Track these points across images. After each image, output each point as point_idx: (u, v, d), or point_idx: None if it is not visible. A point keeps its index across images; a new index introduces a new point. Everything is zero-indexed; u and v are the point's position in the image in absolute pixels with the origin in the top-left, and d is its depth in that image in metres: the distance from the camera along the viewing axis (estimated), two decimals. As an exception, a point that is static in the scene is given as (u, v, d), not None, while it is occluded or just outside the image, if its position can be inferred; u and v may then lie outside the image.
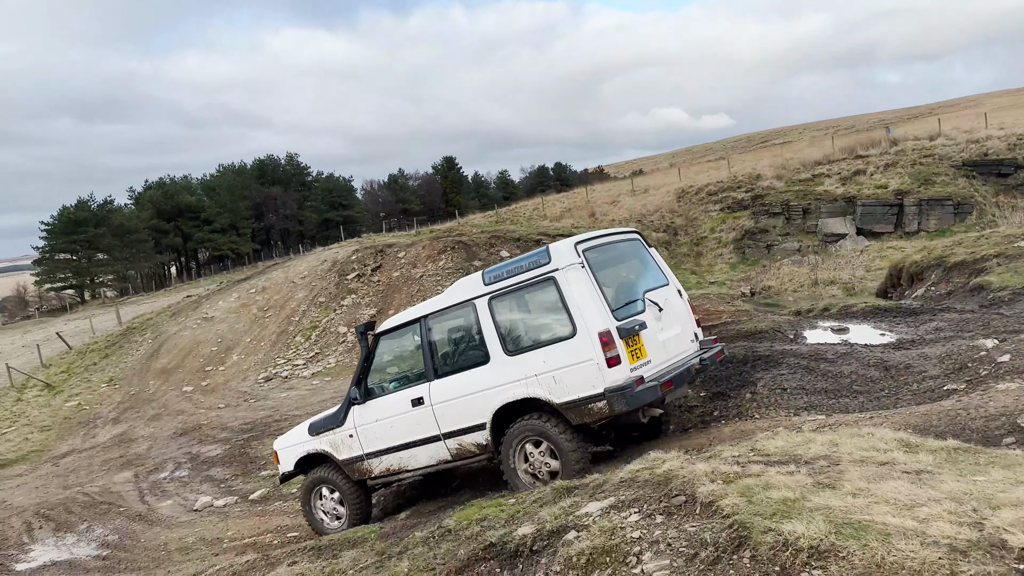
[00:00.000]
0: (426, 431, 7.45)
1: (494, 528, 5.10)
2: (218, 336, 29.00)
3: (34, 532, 13.23)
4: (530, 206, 51.69)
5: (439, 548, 5.22)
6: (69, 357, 31.11)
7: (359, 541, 7.04)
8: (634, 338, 6.63)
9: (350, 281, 30.71)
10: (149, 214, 72.17)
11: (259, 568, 7.28)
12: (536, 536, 4.26)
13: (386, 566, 5.35)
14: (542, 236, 32.89)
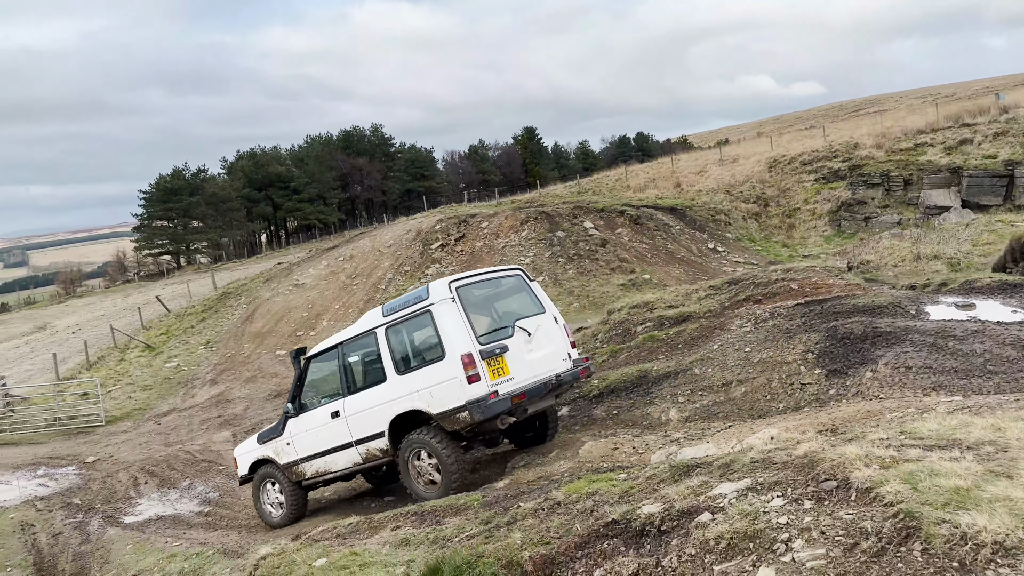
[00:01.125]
0: (342, 439, 8.93)
1: (610, 504, 4.90)
2: (308, 302, 29.68)
3: (140, 487, 13.83)
4: (612, 177, 50.79)
5: (551, 521, 5.05)
6: (168, 320, 32.41)
7: (462, 508, 6.97)
8: (496, 359, 8.00)
9: (434, 250, 30.88)
10: (241, 183, 74.35)
11: (362, 530, 7.30)
12: (664, 516, 4.03)
13: (496, 536, 5.22)
14: (626, 207, 32.25)
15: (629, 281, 26.30)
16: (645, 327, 11.98)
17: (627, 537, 4.10)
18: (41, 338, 35.67)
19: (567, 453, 8.27)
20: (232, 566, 8.35)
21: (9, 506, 13.62)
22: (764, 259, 30.05)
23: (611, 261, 27.71)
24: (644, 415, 8.86)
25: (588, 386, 10.27)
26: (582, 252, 28.27)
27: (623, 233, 30.21)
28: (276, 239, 79.70)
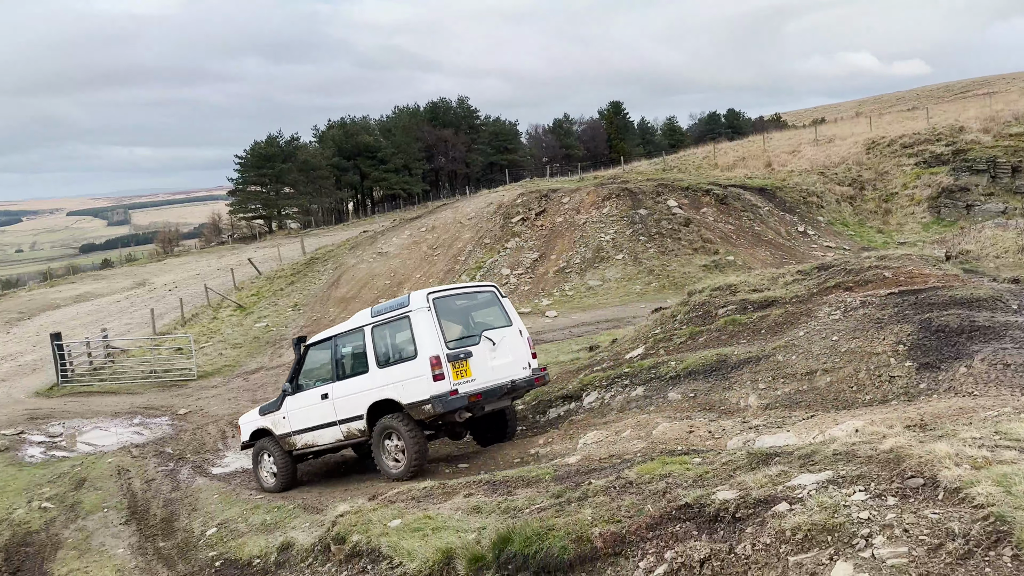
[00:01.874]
0: (329, 418, 10.29)
1: (683, 487, 4.86)
2: (391, 270, 30.29)
3: (227, 440, 14.50)
4: (700, 154, 49.62)
5: (622, 500, 5.05)
6: (259, 282, 33.65)
7: (533, 481, 7.04)
8: (461, 362, 9.41)
9: (514, 224, 30.95)
10: (331, 152, 76.07)
11: (436, 495, 7.48)
12: (740, 503, 3.97)
13: (566, 511, 5.26)
14: (712, 186, 31.51)
15: (712, 262, 25.77)
16: (727, 310, 11.73)
17: (700, 521, 4.06)
18: (140, 294, 37.59)
19: (641, 433, 8.23)
20: (311, 521, 8.69)
21: (107, 451, 14.52)
22: (856, 245, 28.90)
23: (694, 241, 27.19)
24: (722, 400, 8.72)
25: (664, 368, 10.17)
26: (664, 231, 27.83)
27: (708, 213, 29.56)
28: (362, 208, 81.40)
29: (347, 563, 6.42)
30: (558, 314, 23.40)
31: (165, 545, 9.77)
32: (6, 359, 25.51)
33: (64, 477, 12.96)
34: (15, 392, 20.97)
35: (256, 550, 8.26)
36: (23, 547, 10.29)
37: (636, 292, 24.52)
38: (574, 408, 10.93)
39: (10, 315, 34.53)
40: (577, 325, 21.50)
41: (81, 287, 42.83)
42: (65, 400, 19.61)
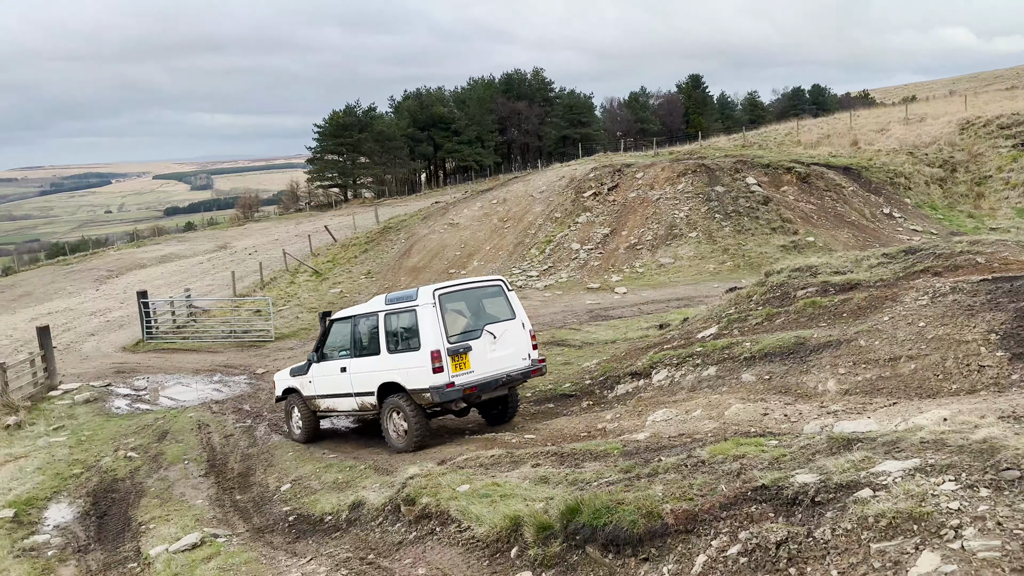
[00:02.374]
0: (346, 389, 11.20)
1: (758, 468, 4.76)
2: (461, 242, 30.50)
3: (303, 400, 14.94)
4: (782, 131, 48.10)
5: (694, 478, 4.98)
6: (334, 249, 34.39)
7: (601, 455, 7.03)
8: (461, 356, 10.12)
9: (586, 199, 30.69)
10: (406, 123, 76.76)
11: (504, 464, 7.54)
12: (820, 487, 3.86)
13: (636, 486, 5.23)
14: (794, 164, 30.54)
15: (791, 243, 25.07)
16: (807, 292, 11.40)
17: (777, 504, 3.98)
18: (221, 257, 38.91)
19: (712, 413, 8.10)
20: (381, 482, 8.89)
21: (188, 406, 15.16)
22: (945, 229, 27.65)
23: (772, 220, 26.48)
24: (798, 383, 8.50)
25: (739, 348, 9.97)
26: (741, 209, 27.18)
27: (788, 191, 28.71)
28: (435, 179, 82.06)
29: (416, 524, 6.54)
30: (627, 291, 23.19)
31: (242, 498, 10.15)
32: (95, 315, 26.82)
33: (148, 429, 13.60)
34: (103, 346, 22.06)
35: (328, 507, 8.50)
36: (110, 493, 10.86)
37: (709, 271, 24.08)
38: (642, 385, 10.84)
39: (99, 273, 36.25)
40: (646, 303, 21.27)
41: (166, 248, 44.61)
42: (149, 355, 20.54)
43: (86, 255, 46.86)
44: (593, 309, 21.21)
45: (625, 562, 4.43)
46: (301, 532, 8.21)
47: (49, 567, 8.56)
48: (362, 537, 7.05)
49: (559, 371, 14.78)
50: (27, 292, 32.26)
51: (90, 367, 19.41)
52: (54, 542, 9.34)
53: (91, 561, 8.75)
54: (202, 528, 8.88)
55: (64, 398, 16.59)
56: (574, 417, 10.69)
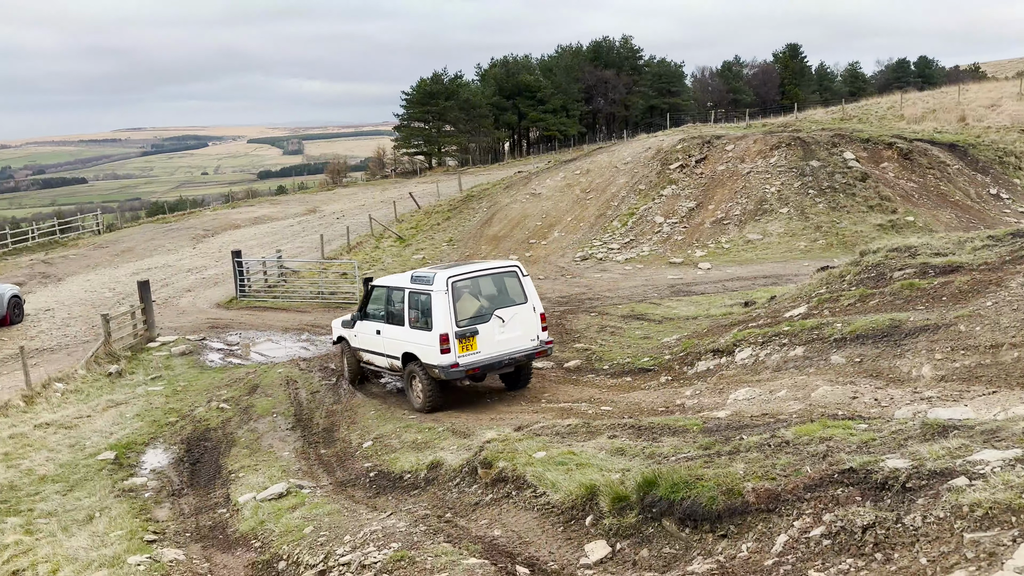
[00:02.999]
0: (379, 349, 12.44)
1: (846, 452, 4.62)
2: (543, 212, 30.42)
3: (385, 361, 15.31)
4: (884, 104, 45.84)
5: (777, 458, 4.87)
6: (417, 216, 34.86)
7: (680, 430, 6.95)
8: (468, 339, 11.17)
9: (672, 171, 30.06)
10: (492, 91, 76.68)
11: (580, 433, 7.56)
12: (912, 473, 3.72)
13: (716, 463, 5.15)
14: (896, 139, 29.08)
15: (888, 222, 23.98)
16: (904, 273, 10.91)
17: (864, 488, 3.85)
18: (311, 220, 40.02)
19: (798, 395, 7.89)
20: (459, 444, 9.06)
21: (278, 362, 15.74)
22: (1059, 212, 25.92)
23: (870, 198, 25.36)
24: (891, 367, 8.16)
25: (829, 329, 9.64)
26: (837, 185, 26.12)
27: (888, 168, 27.41)
28: (518, 148, 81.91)
29: (492, 487, 6.65)
30: (711, 266, 22.71)
31: (326, 452, 10.53)
32: (192, 271, 28.06)
33: (239, 382, 14.21)
34: (199, 302, 23.08)
35: (407, 465, 8.73)
36: (202, 441, 11.43)
37: (800, 249, 23.31)
38: (724, 363, 10.64)
39: (196, 232, 37.85)
40: (731, 279, 20.79)
41: (259, 210, 46.16)
42: (242, 312, 21.38)
43: (184, 214, 49.00)
44: (675, 284, 20.88)
45: (702, 537, 4.39)
46: (381, 488, 8.47)
47: (146, 508, 9.10)
48: (440, 496, 7.21)
49: (637, 345, 14.65)
50: (129, 248, 33.99)
51: (186, 321, 20.36)
52: (150, 484, 9.92)
53: (184, 504, 9.26)
54: (288, 479, 9.26)
55: (162, 350, 17.48)
56: (652, 391, 10.61)
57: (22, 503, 9.29)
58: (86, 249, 33.40)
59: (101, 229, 41.90)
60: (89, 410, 13.16)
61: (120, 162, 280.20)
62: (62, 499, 9.44)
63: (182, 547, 7.68)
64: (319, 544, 6.27)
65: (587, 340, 15.62)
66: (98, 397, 14.01)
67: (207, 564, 7.17)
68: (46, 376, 15.10)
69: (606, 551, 4.89)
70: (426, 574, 4.88)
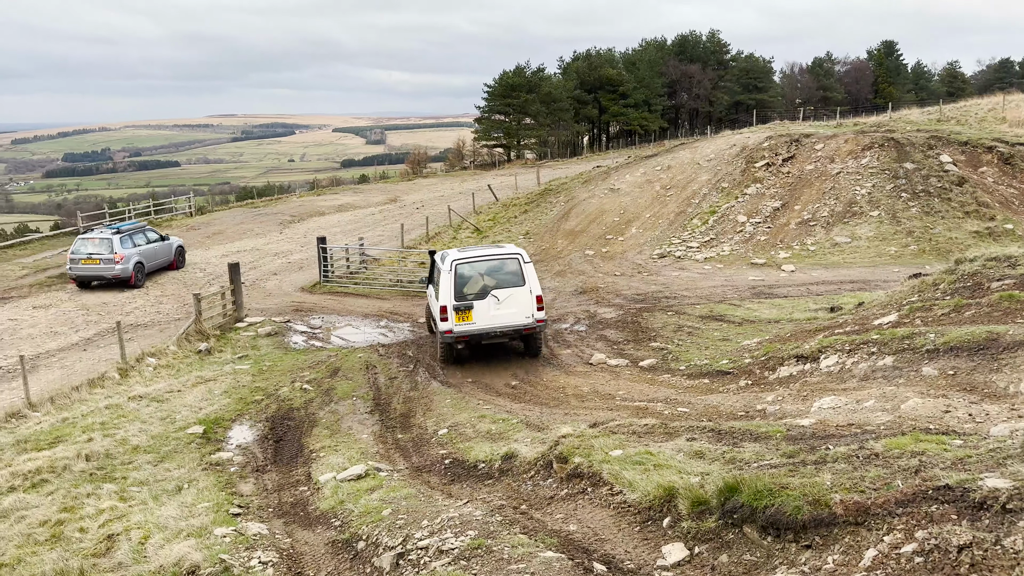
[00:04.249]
0: (433, 308, 14.66)
1: (940, 467, 4.47)
2: (621, 208, 30.18)
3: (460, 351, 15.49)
4: (985, 106, 43.64)
5: (866, 471, 4.75)
6: (496, 208, 35.08)
7: (762, 436, 6.84)
8: (464, 312, 13.42)
9: (757, 169, 29.35)
10: (573, 84, 76.40)
11: (657, 434, 7.52)
12: (1014, 494, 3.57)
13: (801, 472, 5.05)
14: (997, 142, 27.66)
15: (985, 229, 22.88)
16: (1003, 284, 10.42)
17: (961, 506, 3.72)
18: (391, 209, 40.74)
19: (887, 406, 7.63)
20: (532, 437, 9.12)
21: (358, 347, 16.14)
22: None
23: (966, 203, 24.23)
24: (987, 382, 7.81)
25: (920, 339, 9.29)
26: (931, 189, 25.05)
27: (987, 173, 26.12)
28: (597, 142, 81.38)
29: (568, 481, 6.68)
30: (795, 269, 22.12)
31: (402, 437, 10.76)
32: (278, 255, 28.96)
33: (321, 365, 14.64)
34: (284, 285, 23.83)
35: (482, 455, 8.84)
36: (286, 420, 11.83)
37: (890, 254, 22.47)
38: (808, 370, 10.37)
39: (283, 217, 39.01)
40: (816, 283, 20.21)
41: (342, 198, 47.27)
42: (324, 297, 21.98)
43: (271, 200, 50.59)
44: (756, 286, 20.43)
45: (785, 546, 4.32)
46: (456, 475, 8.61)
47: (231, 482, 9.49)
48: (514, 487, 7.29)
49: (716, 346, 14.42)
50: (219, 231, 35.31)
51: (272, 303, 21.07)
52: (236, 460, 10.33)
53: (267, 480, 9.62)
54: (367, 461, 9.51)
55: (248, 330, 18.15)
56: (731, 395, 10.43)
57: (116, 471, 9.81)
58: (179, 230, 34.87)
59: (193, 211, 43.65)
60: (180, 385, 13.78)
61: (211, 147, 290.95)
62: (153, 469, 9.92)
63: (265, 521, 7.99)
64: (397, 527, 6.42)
65: (663, 339, 15.46)
66: (188, 373, 14.66)
67: (289, 540, 7.44)
68: (140, 351, 15.88)
69: (684, 554, 4.86)
70: (503, 564, 4.95)
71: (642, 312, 17.75)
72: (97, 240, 23.46)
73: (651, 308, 18.12)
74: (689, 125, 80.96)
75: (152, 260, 24.72)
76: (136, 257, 23.71)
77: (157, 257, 25.06)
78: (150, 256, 24.61)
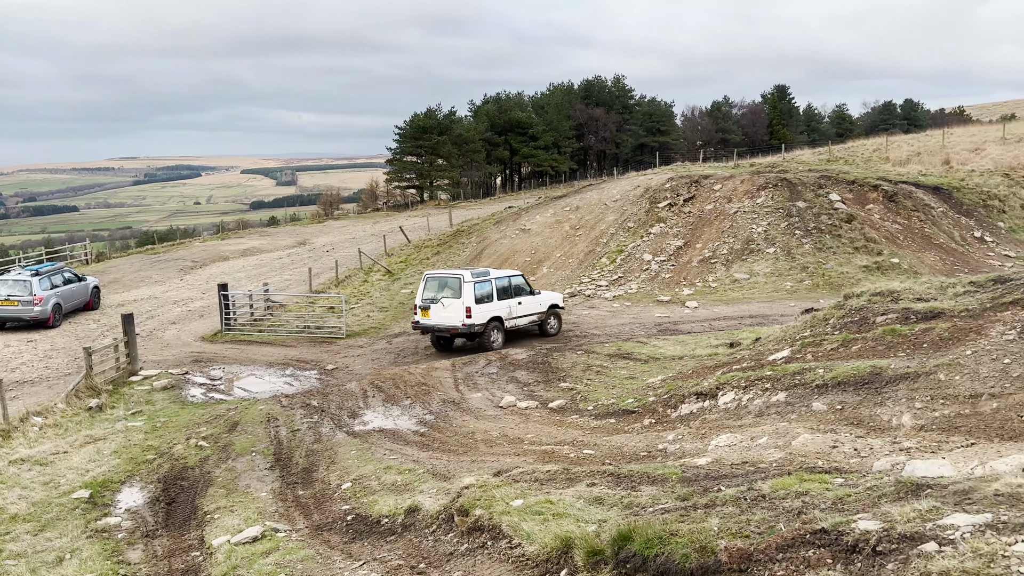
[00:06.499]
0: None
1: (820, 509, 4.59)
2: (532, 248, 30.50)
3: (368, 399, 15.16)
4: (870, 146, 46.49)
5: (752, 514, 4.83)
6: (407, 249, 34.90)
7: (659, 479, 6.90)
8: (425, 310, 18.67)
9: (661, 209, 30.25)
10: (484, 126, 77.28)
11: (559, 480, 7.49)
12: (883, 536, 3.68)
13: (692, 516, 5.10)
14: (881, 181, 29.43)
15: (874, 263, 24.17)
16: (887, 318, 10.96)
17: (836, 550, 3.81)
18: (300, 252, 39.97)
19: (779, 442, 7.84)
20: (439, 488, 8.94)
21: (260, 398, 15.59)
22: (1042, 256, 26.18)
23: (856, 239, 25.59)
24: (871, 415, 8.15)
25: (811, 375, 9.64)
26: (823, 226, 26.35)
27: (874, 210, 27.70)
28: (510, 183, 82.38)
29: (468, 536, 6.55)
30: (699, 305, 22.77)
31: (303, 494, 10.38)
32: (179, 303, 27.89)
33: (220, 419, 14.05)
34: (184, 335, 22.92)
35: (386, 509, 8.60)
36: (179, 480, 11.26)
37: (786, 289, 23.42)
38: (708, 407, 10.61)
39: (184, 263, 37.69)
40: (718, 318, 20.84)
41: (248, 242, 46.09)
42: (226, 346, 21.23)
43: (173, 245, 48.87)
44: (662, 322, 20.90)
45: (674, 596, 4.32)
46: (357, 532, 8.33)
47: (118, 549, 8.92)
48: (415, 544, 7.11)
49: (623, 385, 14.61)
50: (116, 279, 33.79)
51: (170, 355, 20.19)
52: (124, 525, 9.74)
53: (157, 546, 9.09)
54: (264, 521, 9.11)
55: (144, 384, 17.30)
56: (634, 435, 10.54)
57: (-8, 543, 9.09)
58: (73, 279, 33.13)
59: (89, 259, 41.66)
60: (67, 446, 12.96)
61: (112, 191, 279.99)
62: (32, 539, 9.25)
63: (152, 592, 7.52)
64: (290, 593, 6.14)
65: (573, 379, 15.56)
66: (76, 432, 13.81)
67: (177, 611, 7.01)
68: (24, 410, 14.89)
69: (579, 607, 4.81)
70: (395, 630, 4.78)
71: (552, 352, 17.85)
72: (12, 282, 23.17)
73: (561, 348, 18.25)
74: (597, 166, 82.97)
75: (69, 301, 24.72)
76: (54, 299, 23.68)
77: (74, 298, 25.11)
78: (67, 297, 24.63)
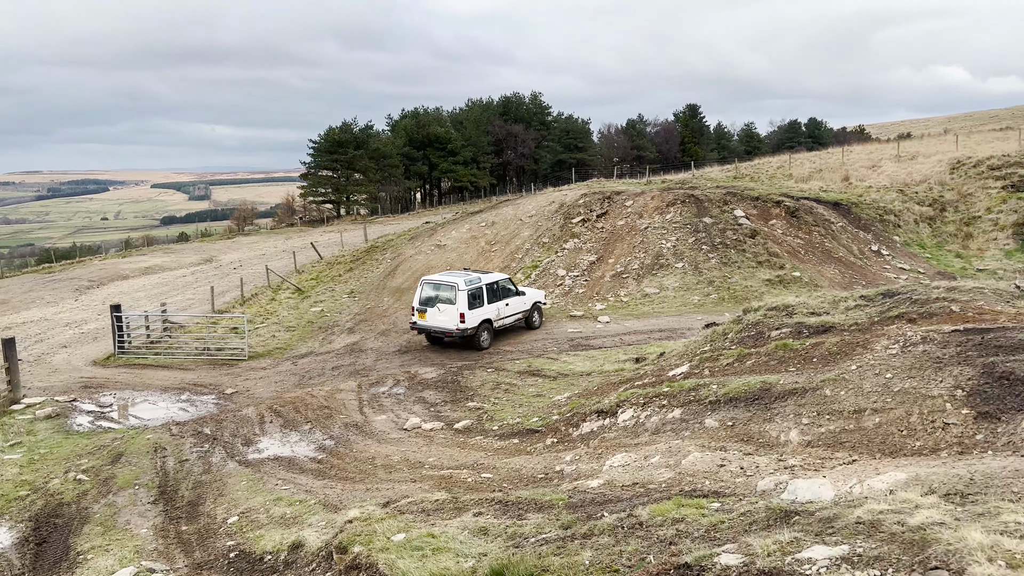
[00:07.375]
0: None
1: (691, 538, 4.47)
2: (447, 264, 30.20)
3: (265, 425, 14.56)
4: (775, 163, 48.10)
5: (626, 544, 4.69)
6: (319, 266, 34.05)
7: (547, 505, 6.72)
8: (422, 312, 19.87)
9: (574, 225, 30.47)
10: (402, 141, 76.59)
11: (447, 509, 7.23)
12: (743, 571, 3.57)
13: (567, 549, 4.93)
14: (784, 197, 30.41)
15: (776, 277, 24.87)
16: (780, 333, 11.15)
17: (697, 585, 3.68)
18: (206, 270, 38.53)
19: (670, 461, 7.78)
20: (327, 521, 8.55)
21: (150, 427, 14.76)
22: (933, 268, 27.51)
23: (759, 254, 26.29)
24: (761, 432, 8.21)
25: (705, 391, 9.68)
26: (728, 241, 26.99)
27: (776, 225, 28.56)
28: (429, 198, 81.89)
29: (346, 574, 6.21)
30: (611, 320, 22.92)
31: (187, 529, 9.79)
32: (71, 326, 26.39)
33: (103, 450, 13.21)
34: (74, 359, 21.64)
35: (270, 545, 8.18)
36: (53, 518, 10.47)
37: (694, 303, 23.84)
38: (607, 425, 10.54)
39: (80, 283, 35.80)
40: (629, 333, 21.00)
41: (151, 259, 44.20)
42: (120, 371, 20.13)
43: (71, 263, 46.44)
44: (574, 338, 20.92)
45: (541, 638, 4.12)
46: (239, 571, 7.88)
47: (-25, 599, 8.19)
48: (293, 583, 6.72)
49: (530, 403, 14.46)
50: (3, 300, 31.81)
51: (58, 380, 19.00)
52: (-14, 571, 8.97)
53: (19, 594, 8.38)
54: (140, 561, 8.53)
55: (26, 412, 16.19)
56: (535, 456, 10.38)
57: None
58: (-45, 300, 31.03)
59: (-24, 278, 39.15)
60: (-71, 484, 11.93)
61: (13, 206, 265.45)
62: None
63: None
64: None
65: (480, 398, 15.34)
66: (-59, 469, 12.73)
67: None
68: None
69: (448, 651, 4.56)
70: None
71: (463, 370, 17.61)
72: None
73: (472, 366, 18.01)
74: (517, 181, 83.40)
75: None
76: None
77: None
78: None
